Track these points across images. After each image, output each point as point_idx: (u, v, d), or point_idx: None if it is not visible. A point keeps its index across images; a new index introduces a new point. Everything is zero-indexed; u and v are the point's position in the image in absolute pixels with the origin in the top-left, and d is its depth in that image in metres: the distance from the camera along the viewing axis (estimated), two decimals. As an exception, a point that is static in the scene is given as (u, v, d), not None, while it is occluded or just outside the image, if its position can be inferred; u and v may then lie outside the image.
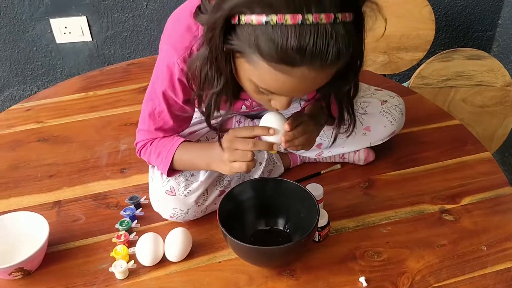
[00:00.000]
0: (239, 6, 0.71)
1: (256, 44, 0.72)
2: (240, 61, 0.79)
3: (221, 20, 0.74)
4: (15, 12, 2.06)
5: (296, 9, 0.68)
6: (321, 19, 0.68)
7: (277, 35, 0.69)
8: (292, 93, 0.82)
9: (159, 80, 1.00)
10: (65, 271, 1.02)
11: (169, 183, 1.06)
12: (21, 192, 1.22)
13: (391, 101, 1.20)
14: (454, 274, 0.99)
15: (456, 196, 1.17)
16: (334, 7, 0.69)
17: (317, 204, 0.99)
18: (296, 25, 0.68)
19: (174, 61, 0.94)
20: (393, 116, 1.19)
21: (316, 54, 0.70)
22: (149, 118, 1.04)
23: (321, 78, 0.77)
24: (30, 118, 1.47)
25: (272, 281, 0.99)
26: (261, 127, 0.91)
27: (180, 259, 1.03)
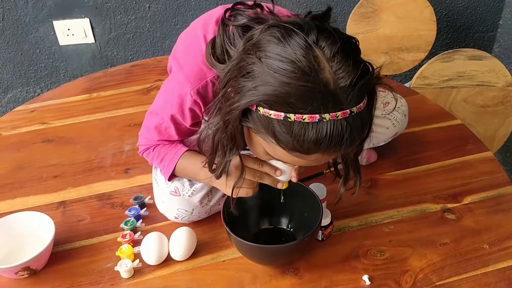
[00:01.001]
0: (257, 102, 0.73)
1: (273, 133, 0.74)
2: (254, 134, 0.81)
3: (238, 112, 0.75)
4: (19, 14, 2.07)
5: (314, 110, 0.70)
6: (338, 116, 0.71)
7: (295, 129, 0.72)
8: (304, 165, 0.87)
9: (168, 104, 0.99)
10: (71, 270, 1.03)
11: (173, 184, 1.07)
12: (26, 193, 1.23)
13: (393, 103, 1.21)
14: (456, 272, 1.00)
15: (458, 195, 1.17)
16: (351, 103, 0.71)
17: (320, 203, 1.00)
18: (313, 122, 0.70)
19: (187, 92, 0.94)
20: (396, 118, 1.20)
21: (331, 145, 0.73)
22: (155, 129, 1.04)
23: (334, 156, 0.82)
24: (35, 119, 1.48)
25: (276, 279, 1.00)
26: (269, 166, 0.93)
27: (185, 258, 1.04)
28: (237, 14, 0.86)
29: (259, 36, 0.75)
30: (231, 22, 0.85)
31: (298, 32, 0.72)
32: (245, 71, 0.74)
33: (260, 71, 0.72)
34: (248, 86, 0.73)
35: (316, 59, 0.70)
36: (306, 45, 0.71)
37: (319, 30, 0.73)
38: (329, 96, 0.70)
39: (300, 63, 0.70)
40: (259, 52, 0.73)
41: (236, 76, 0.76)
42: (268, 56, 0.72)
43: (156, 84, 1.61)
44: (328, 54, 0.71)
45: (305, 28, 0.73)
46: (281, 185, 0.95)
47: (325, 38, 0.72)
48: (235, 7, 0.89)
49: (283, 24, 0.74)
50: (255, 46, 0.75)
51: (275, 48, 0.72)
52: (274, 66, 0.71)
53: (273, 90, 0.71)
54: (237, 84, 0.76)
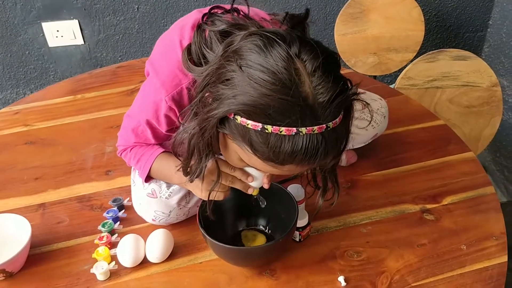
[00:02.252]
0: (236, 110, 0.73)
1: (250, 142, 0.74)
2: (229, 141, 0.81)
3: (216, 119, 0.76)
4: (7, 16, 2.07)
5: (292, 123, 0.70)
6: (314, 131, 0.71)
7: (271, 141, 0.72)
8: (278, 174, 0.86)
9: (144, 109, 1.00)
10: (48, 273, 1.03)
11: (150, 186, 1.07)
12: (7, 195, 1.23)
13: (373, 104, 1.21)
14: (432, 273, 0.99)
15: (437, 196, 1.17)
16: (327, 118, 0.72)
17: (296, 204, 0.99)
18: (290, 135, 0.71)
19: (162, 98, 0.94)
20: (375, 120, 1.20)
21: (306, 158, 0.73)
22: (132, 132, 1.04)
23: (307, 168, 0.81)
24: (18, 121, 1.48)
25: (252, 280, 1.00)
26: (241, 171, 0.93)
27: (161, 260, 1.03)
28: (215, 19, 0.86)
29: (240, 43, 0.75)
30: (209, 27, 0.85)
31: (280, 43, 0.72)
32: (224, 78, 0.74)
33: (240, 79, 0.72)
34: (227, 94, 0.73)
35: (297, 72, 0.71)
36: (288, 57, 0.71)
37: (301, 42, 0.73)
38: (307, 110, 0.70)
39: (281, 75, 0.70)
40: (240, 60, 0.73)
41: (215, 82, 0.76)
42: (249, 65, 0.72)
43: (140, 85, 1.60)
44: (309, 68, 0.71)
45: (287, 39, 0.73)
46: (252, 191, 0.95)
47: (307, 51, 0.72)
48: (212, 12, 0.89)
49: (265, 33, 0.74)
50: (235, 53, 0.74)
51: (257, 58, 0.72)
52: (255, 76, 0.71)
53: (252, 100, 0.71)
54: (215, 91, 0.76)
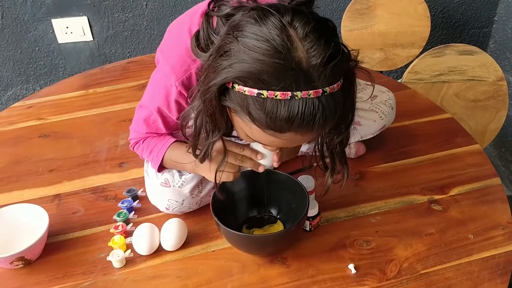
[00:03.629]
0: (232, 78, 0.75)
1: (248, 110, 0.76)
2: (232, 114, 0.84)
3: (215, 88, 0.78)
4: (18, 12, 2.10)
5: (286, 87, 0.72)
6: (309, 95, 0.73)
7: (267, 106, 0.74)
8: (281, 146, 0.90)
9: (155, 96, 1.02)
10: (65, 261, 1.06)
11: (163, 175, 1.09)
12: (23, 186, 1.25)
13: (381, 96, 1.23)
14: (440, 261, 1.02)
15: (445, 187, 1.19)
16: (323, 82, 0.74)
17: (307, 194, 1.02)
18: (285, 99, 0.73)
19: (172, 83, 0.97)
20: (383, 111, 1.22)
21: (303, 124, 0.75)
22: (144, 122, 1.07)
23: (308, 137, 0.83)
24: (32, 115, 1.51)
25: (264, 268, 1.02)
26: (250, 150, 0.96)
27: (175, 248, 1.06)
28: (221, 5, 0.89)
29: (239, 19, 0.78)
30: (215, 13, 0.88)
31: (274, 13, 0.74)
32: (223, 51, 0.77)
33: (236, 49, 0.75)
34: (224, 64, 0.76)
35: (290, 38, 0.73)
36: (280, 25, 0.73)
37: (294, 11, 0.75)
38: (301, 74, 0.72)
39: (274, 41, 0.72)
40: (237, 32, 0.76)
41: (216, 57, 0.79)
42: (245, 35, 0.75)
43: (152, 80, 1.63)
44: (301, 34, 0.73)
45: (281, 10, 0.75)
46: (262, 169, 0.98)
47: (299, 19, 0.74)
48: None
49: (261, 7, 0.77)
50: (234, 27, 0.78)
51: (252, 28, 0.74)
52: (250, 44, 0.73)
53: (247, 67, 0.73)
54: (215, 64, 0.78)
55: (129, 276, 1.02)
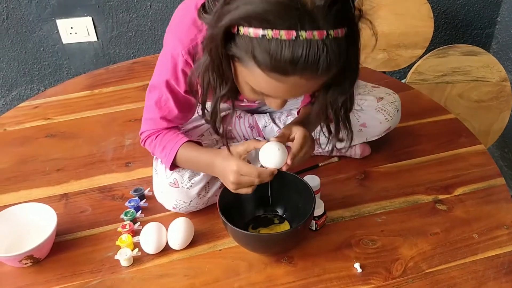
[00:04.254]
0: (238, 19, 0.76)
1: (253, 53, 0.77)
2: (238, 65, 0.85)
3: (221, 31, 0.79)
4: (23, 13, 2.11)
5: (291, 26, 0.73)
6: (314, 36, 0.74)
7: (272, 47, 0.75)
8: (285, 96, 0.89)
9: (163, 69, 1.04)
10: (73, 259, 1.07)
11: (172, 175, 1.10)
12: (30, 185, 1.27)
13: (387, 98, 1.24)
14: (445, 260, 1.03)
15: (449, 186, 1.20)
16: (327, 24, 0.74)
17: (313, 193, 1.03)
18: (290, 40, 0.73)
19: (179, 52, 0.99)
20: (389, 113, 1.23)
21: (307, 66, 0.76)
22: (155, 106, 1.08)
23: (313, 85, 0.83)
24: (38, 115, 1.52)
25: (270, 267, 1.03)
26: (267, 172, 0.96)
27: (183, 247, 1.07)
28: None
29: None
30: None
31: None
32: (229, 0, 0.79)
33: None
34: (230, 8, 0.77)
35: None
36: None
37: None
38: (305, 14, 0.73)
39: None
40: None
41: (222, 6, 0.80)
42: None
43: (157, 80, 1.64)
44: None
45: None
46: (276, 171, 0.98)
47: None
48: None
49: None
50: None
51: None
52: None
53: (253, 8, 0.74)
54: (221, 12, 0.79)
55: (137, 275, 1.03)
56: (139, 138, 1.16)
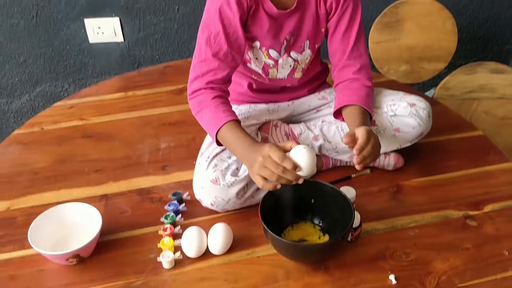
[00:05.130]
0: None
1: None
2: None
3: None
4: (52, 11, 2.14)
5: None
6: None
7: None
8: None
9: (214, 1, 1.14)
10: (116, 260, 1.10)
11: (215, 173, 1.15)
12: (70, 185, 1.30)
13: (419, 104, 1.28)
14: (477, 276, 1.06)
15: (479, 203, 1.24)
16: None
17: (352, 206, 1.06)
18: None
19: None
20: (421, 118, 1.26)
21: None
22: (206, 44, 1.16)
23: None
24: (74, 115, 1.55)
25: (308, 276, 1.06)
26: (291, 162, 1.00)
27: (222, 252, 1.10)
28: None
29: None
30: None
31: None
32: None
33: None
34: None
35: None
36: None
37: None
38: None
39: None
40: None
41: None
42: None
43: (188, 85, 1.68)
44: None
45: None
46: (301, 181, 1.02)
47: None
48: None
49: None
50: None
51: None
52: None
53: None
54: None
55: (179, 277, 1.06)
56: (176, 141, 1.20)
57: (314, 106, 1.40)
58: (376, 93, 1.33)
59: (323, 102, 1.39)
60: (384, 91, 1.35)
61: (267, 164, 1.01)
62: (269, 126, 1.33)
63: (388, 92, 1.34)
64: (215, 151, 1.21)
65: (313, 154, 1.02)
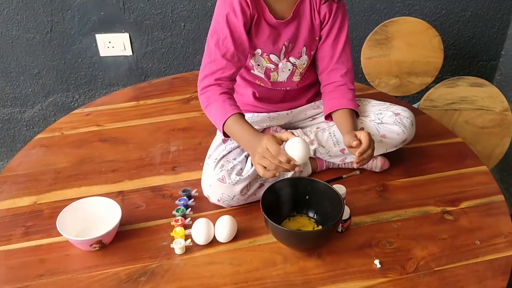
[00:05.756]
0: None
1: None
2: None
3: None
4: (65, 27, 2.27)
5: None
6: None
7: None
8: None
9: (222, 9, 1.31)
10: (133, 246, 1.24)
11: (221, 172, 1.29)
12: (89, 183, 1.44)
13: (403, 114, 1.44)
14: (451, 261, 1.20)
15: (456, 200, 1.38)
16: None
17: (343, 200, 1.21)
18: None
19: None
20: (405, 126, 1.42)
21: None
22: (215, 47, 1.32)
23: None
24: (91, 122, 1.70)
25: (303, 261, 1.21)
26: (286, 156, 1.15)
27: (227, 240, 1.25)
28: None
29: None
30: None
31: None
32: None
33: None
34: None
35: None
36: None
37: None
38: None
39: None
40: None
41: None
42: None
43: (195, 95, 1.83)
44: None
45: None
46: (298, 168, 1.18)
47: None
48: None
49: None
50: None
51: None
52: None
53: None
54: None
55: (189, 262, 1.21)
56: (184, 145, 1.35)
57: (310, 115, 1.56)
58: (365, 103, 1.49)
59: (317, 111, 1.55)
60: (372, 101, 1.51)
61: (266, 155, 1.16)
62: (269, 131, 1.49)
63: (376, 103, 1.50)
64: (222, 153, 1.37)
65: (306, 145, 1.18)
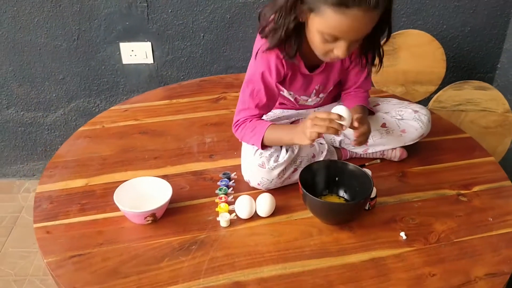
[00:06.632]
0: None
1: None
2: (311, 18, 1.24)
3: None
4: (91, 35, 2.40)
5: None
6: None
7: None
8: (349, 34, 1.22)
9: (258, 64, 1.42)
10: (182, 220, 1.37)
11: (261, 159, 1.43)
12: (135, 168, 1.57)
13: (421, 111, 1.59)
14: (469, 234, 1.35)
15: (468, 185, 1.53)
16: None
17: (371, 179, 1.36)
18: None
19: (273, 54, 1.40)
20: (423, 122, 1.58)
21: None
22: (250, 97, 1.45)
23: (367, 21, 1.20)
24: (129, 117, 1.83)
25: (336, 233, 1.34)
26: (336, 114, 1.30)
27: (267, 215, 1.38)
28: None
29: None
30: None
31: None
32: None
33: None
34: None
35: None
36: None
37: None
38: None
39: None
40: None
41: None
42: None
43: (223, 95, 1.98)
44: None
45: None
46: (345, 128, 1.31)
47: None
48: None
49: None
50: None
51: None
52: None
53: None
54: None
55: (234, 233, 1.34)
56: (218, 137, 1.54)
57: (335, 111, 1.71)
58: (386, 102, 1.66)
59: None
60: (393, 100, 1.67)
61: (316, 121, 1.29)
62: (298, 122, 1.64)
63: (396, 101, 1.66)
64: None
65: (349, 111, 1.33)
